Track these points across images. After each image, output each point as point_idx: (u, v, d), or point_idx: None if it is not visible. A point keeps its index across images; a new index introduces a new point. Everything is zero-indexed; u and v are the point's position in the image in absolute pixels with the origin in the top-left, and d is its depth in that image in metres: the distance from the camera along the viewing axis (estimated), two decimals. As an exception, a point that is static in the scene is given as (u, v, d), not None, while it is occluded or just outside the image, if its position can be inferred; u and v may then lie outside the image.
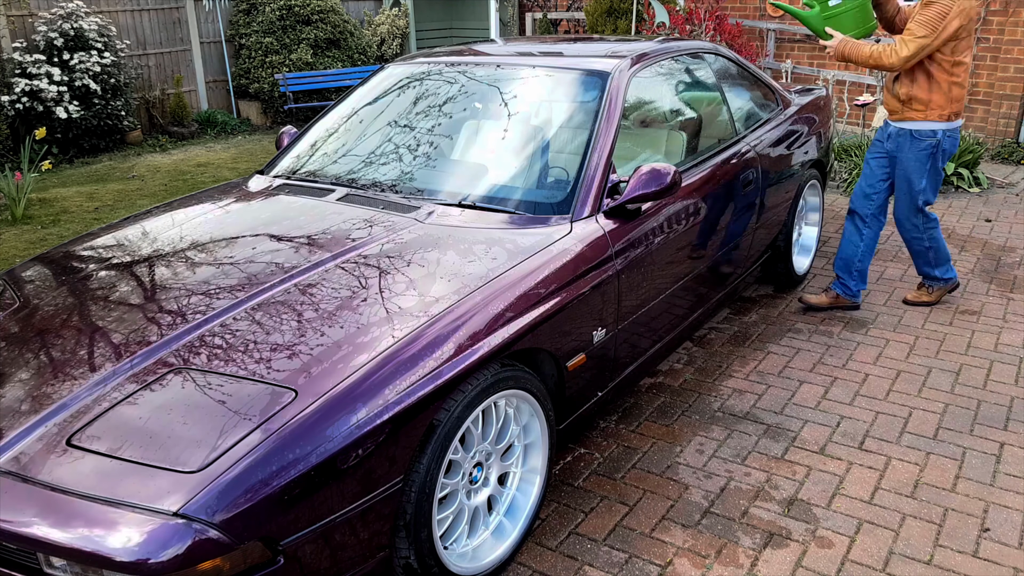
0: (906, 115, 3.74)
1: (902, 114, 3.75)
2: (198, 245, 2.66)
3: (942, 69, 3.61)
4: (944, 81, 3.62)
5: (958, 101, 3.68)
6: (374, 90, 3.52)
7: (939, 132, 3.71)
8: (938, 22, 3.45)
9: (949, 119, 3.70)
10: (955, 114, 3.72)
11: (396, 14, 11.42)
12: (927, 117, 3.69)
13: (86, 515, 1.65)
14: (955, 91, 3.65)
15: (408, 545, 2.03)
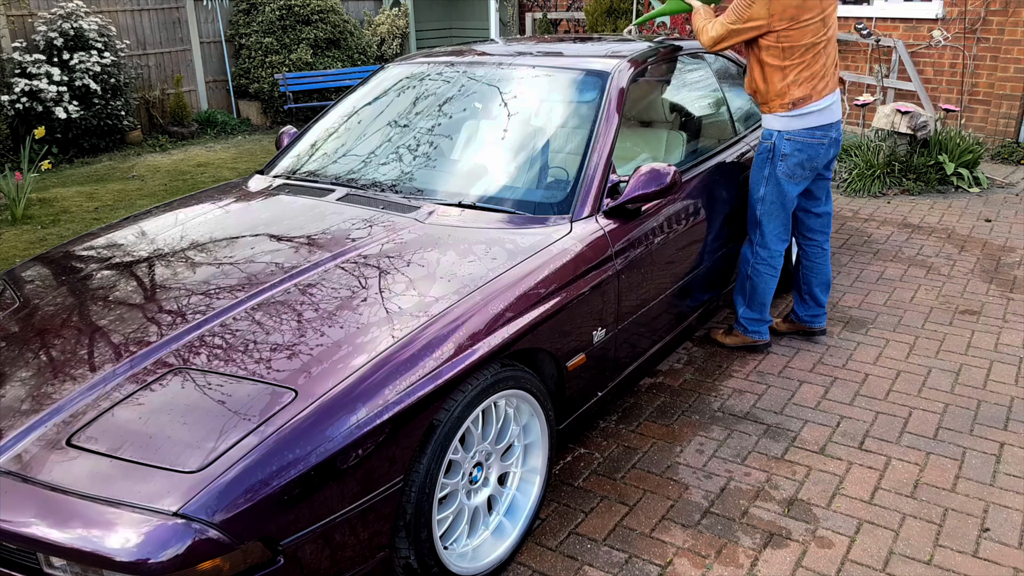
0: (762, 112, 3.38)
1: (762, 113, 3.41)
2: (198, 245, 2.66)
3: (773, 54, 3.19)
4: (778, 67, 3.19)
5: (805, 83, 3.18)
6: (374, 90, 3.52)
7: (775, 134, 3.28)
8: (744, 10, 3.13)
9: (793, 106, 3.20)
10: (801, 100, 3.20)
11: (396, 14, 11.42)
12: (770, 110, 3.29)
13: (86, 515, 1.65)
14: (792, 73, 3.17)
15: (408, 545, 2.03)
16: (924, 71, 8.11)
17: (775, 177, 3.31)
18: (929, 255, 4.93)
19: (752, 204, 3.41)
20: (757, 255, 3.44)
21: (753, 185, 3.38)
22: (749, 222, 3.47)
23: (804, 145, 3.27)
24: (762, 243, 3.42)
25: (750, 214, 3.44)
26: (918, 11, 8.04)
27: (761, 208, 3.36)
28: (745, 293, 3.55)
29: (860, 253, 5.00)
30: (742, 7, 3.13)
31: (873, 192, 6.30)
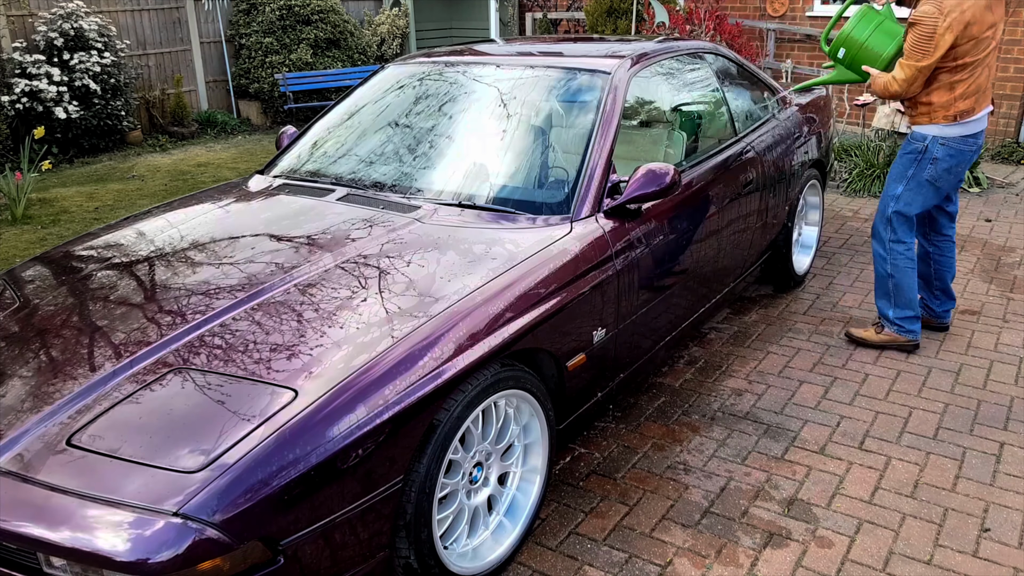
0: (914, 119, 3.47)
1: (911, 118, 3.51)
2: (198, 245, 2.66)
3: (945, 71, 3.29)
4: (946, 83, 3.29)
5: (967, 98, 3.29)
6: (374, 90, 3.52)
7: (928, 137, 3.36)
8: (927, 43, 3.16)
9: (955, 120, 3.32)
10: (962, 113, 3.32)
11: (396, 14, 11.42)
12: (930, 120, 3.37)
13: (86, 515, 1.65)
14: (960, 88, 3.27)
15: (408, 545, 2.03)
16: (924, 71, 8.09)
17: (919, 180, 3.37)
18: (929, 255, 4.93)
19: (886, 200, 3.45)
20: (893, 251, 3.47)
21: (892, 181, 3.42)
22: (880, 218, 3.49)
23: (957, 152, 3.33)
24: (896, 238, 3.46)
25: (882, 211, 3.48)
26: (918, 11, 8.02)
27: (895, 206, 3.41)
28: (889, 293, 3.54)
29: (860, 253, 5.00)
30: (924, 40, 3.16)
31: (873, 192, 6.30)
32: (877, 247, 3.55)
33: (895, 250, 3.47)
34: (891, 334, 3.58)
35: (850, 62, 3.55)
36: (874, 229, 3.57)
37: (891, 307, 3.55)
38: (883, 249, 3.51)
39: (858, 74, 3.58)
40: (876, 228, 3.54)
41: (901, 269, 3.48)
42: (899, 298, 3.51)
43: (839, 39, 3.55)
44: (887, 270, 3.51)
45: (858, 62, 3.54)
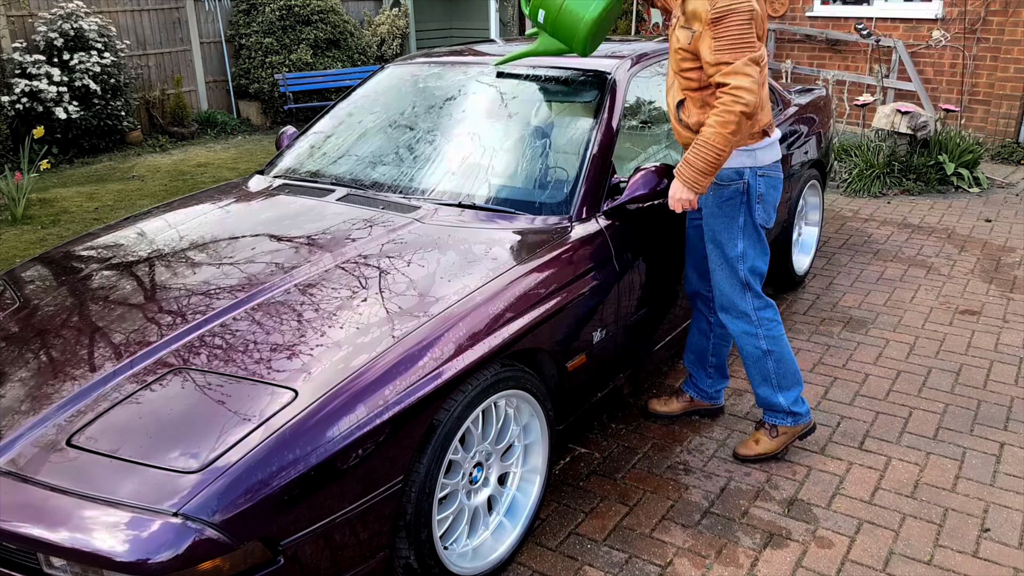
0: None
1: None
2: (198, 245, 2.66)
3: None
4: None
5: (764, 107, 2.61)
6: (374, 90, 3.52)
7: (744, 171, 2.61)
8: (748, 30, 2.40)
9: (764, 135, 2.63)
10: (770, 125, 2.66)
11: (396, 14, 11.42)
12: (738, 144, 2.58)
13: (86, 515, 1.65)
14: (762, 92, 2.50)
15: (408, 545, 2.03)
16: (924, 71, 8.11)
17: (752, 225, 2.66)
18: (929, 255, 4.93)
19: (732, 265, 2.68)
20: (763, 321, 2.73)
21: (726, 243, 2.67)
22: (729, 291, 2.72)
23: (776, 180, 2.70)
24: (761, 304, 2.74)
25: (729, 278, 2.71)
26: (918, 11, 8.04)
27: (745, 266, 2.68)
28: (770, 376, 2.78)
29: (860, 253, 5.00)
30: (745, 27, 2.39)
31: (873, 192, 6.30)
32: (740, 326, 2.74)
33: (764, 318, 2.73)
34: (788, 428, 2.84)
35: (552, 28, 2.87)
36: (727, 306, 2.75)
37: (777, 392, 2.79)
38: (749, 324, 2.73)
39: (564, 42, 2.89)
40: (731, 303, 2.73)
41: (778, 340, 2.75)
42: (784, 377, 2.78)
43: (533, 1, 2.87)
44: (762, 347, 2.74)
45: (560, 27, 2.85)
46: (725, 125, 2.41)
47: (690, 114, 2.64)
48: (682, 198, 2.54)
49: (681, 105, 2.67)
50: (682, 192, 2.53)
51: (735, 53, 2.41)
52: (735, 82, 2.40)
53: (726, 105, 2.41)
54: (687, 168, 2.49)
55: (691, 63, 2.56)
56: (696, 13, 2.47)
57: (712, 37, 2.43)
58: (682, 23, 2.57)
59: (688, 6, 2.51)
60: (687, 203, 2.54)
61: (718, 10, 2.41)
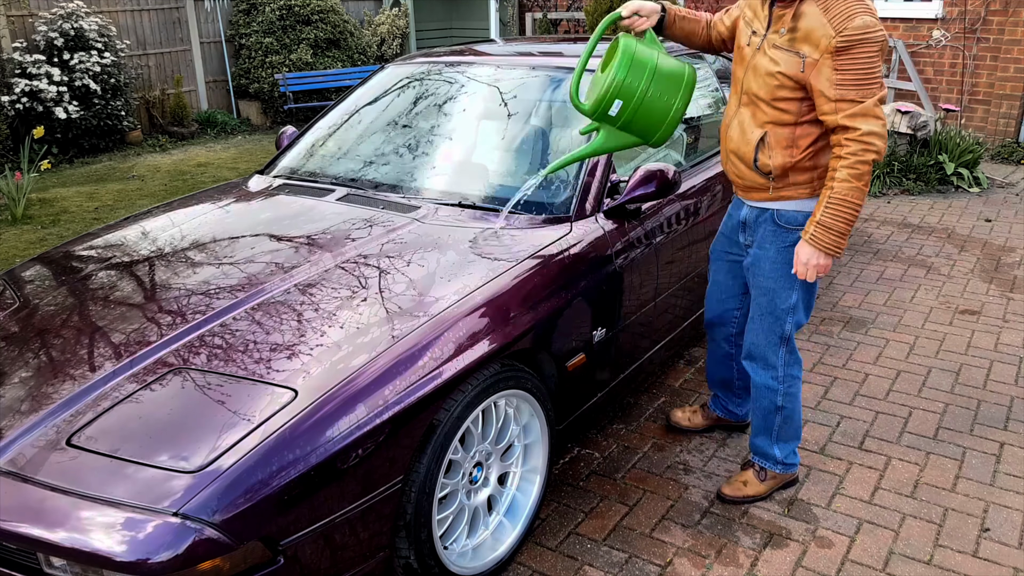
0: (779, 192, 2.37)
1: (769, 191, 2.38)
2: (198, 245, 2.66)
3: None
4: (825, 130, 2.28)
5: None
6: (374, 90, 3.52)
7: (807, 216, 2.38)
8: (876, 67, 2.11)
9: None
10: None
11: (396, 14, 11.42)
12: (811, 192, 2.34)
13: (86, 515, 1.65)
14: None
15: (408, 545, 2.03)
16: (924, 71, 8.11)
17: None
18: (929, 255, 4.93)
19: (779, 317, 2.46)
20: (787, 379, 2.54)
21: (779, 292, 2.43)
22: (765, 343, 2.52)
23: None
24: (792, 359, 2.53)
25: (769, 330, 2.49)
26: (918, 11, 8.04)
27: (793, 319, 2.46)
28: (773, 429, 2.62)
29: (860, 253, 5.00)
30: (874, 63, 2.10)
31: (873, 192, 6.30)
32: (765, 378, 2.56)
33: (790, 375, 2.55)
34: (776, 475, 2.68)
35: (629, 120, 2.39)
36: (757, 356, 2.55)
37: (774, 444, 2.64)
38: (774, 379, 2.54)
39: (639, 134, 2.44)
40: (762, 355, 2.54)
41: (794, 397, 2.58)
42: (786, 432, 2.62)
43: (608, 89, 2.34)
44: (777, 403, 2.57)
45: (641, 119, 2.39)
46: (860, 177, 2.12)
47: (773, 154, 2.29)
48: (819, 264, 2.24)
49: (761, 143, 2.31)
50: (819, 259, 2.24)
51: (863, 90, 2.09)
52: (866, 127, 2.10)
53: (858, 155, 2.11)
54: (824, 233, 2.18)
55: (791, 93, 2.21)
56: (811, 36, 2.12)
57: (834, 68, 2.10)
58: (780, 43, 2.20)
59: (800, 24, 2.15)
60: (824, 269, 2.26)
61: (847, 38, 2.07)
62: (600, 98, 2.37)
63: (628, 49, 2.35)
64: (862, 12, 2.09)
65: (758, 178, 2.37)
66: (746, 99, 2.34)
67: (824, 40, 2.10)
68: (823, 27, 2.10)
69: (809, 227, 2.23)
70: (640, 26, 2.45)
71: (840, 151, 2.15)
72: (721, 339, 2.82)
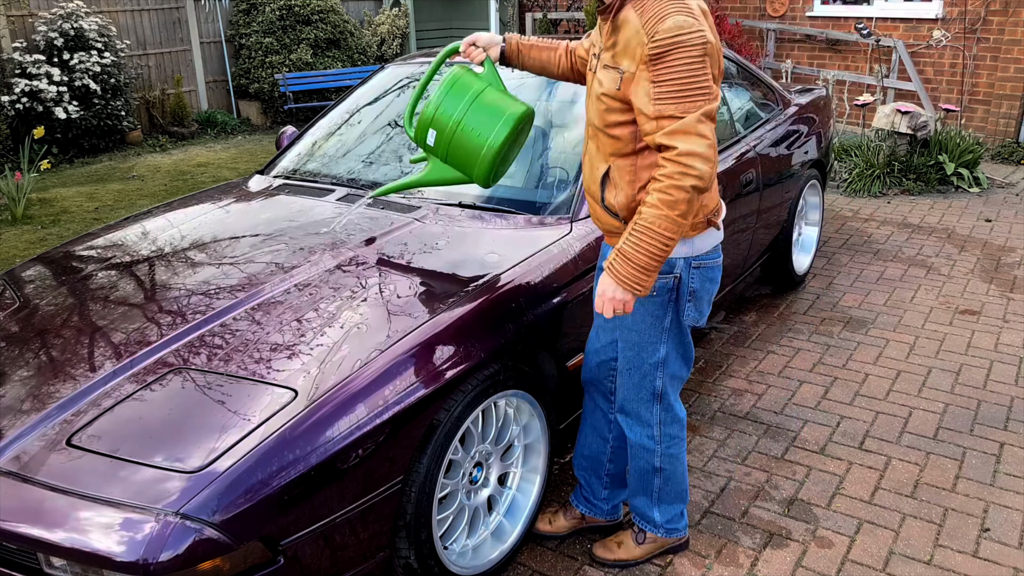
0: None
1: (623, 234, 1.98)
2: (198, 245, 2.66)
3: None
4: None
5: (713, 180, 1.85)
6: (374, 90, 3.52)
7: (677, 263, 2.06)
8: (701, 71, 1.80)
9: (707, 224, 2.06)
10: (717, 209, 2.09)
11: (396, 14, 11.43)
12: None
13: (86, 515, 1.65)
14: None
15: (408, 545, 2.03)
16: (924, 71, 8.11)
17: (678, 326, 2.14)
18: (929, 255, 4.94)
19: (647, 372, 2.17)
20: (665, 438, 2.25)
21: (644, 346, 2.14)
22: (635, 399, 2.22)
23: (715, 271, 2.13)
24: (669, 417, 2.23)
25: (639, 385, 2.20)
26: (918, 11, 8.05)
27: (664, 374, 2.17)
28: (653, 491, 2.33)
29: (860, 253, 5.00)
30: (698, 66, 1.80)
31: (873, 192, 6.30)
32: (640, 436, 2.26)
33: (668, 435, 2.25)
34: (657, 539, 2.40)
35: (446, 152, 2.28)
36: (630, 412, 2.26)
37: (654, 507, 2.35)
38: (650, 439, 2.25)
39: (461, 170, 2.32)
40: (635, 411, 2.24)
41: (674, 458, 2.29)
42: (667, 493, 2.34)
43: (424, 117, 2.27)
44: (654, 464, 2.28)
45: (457, 153, 2.28)
46: (673, 205, 1.80)
47: (618, 191, 2.02)
48: (615, 298, 1.92)
49: (606, 179, 2.04)
50: (615, 292, 1.91)
51: (683, 103, 1.79)
52: (684, 145, 1.78)
53: (673, 179, 1.80)
54: (623, 263, 1.87)
55: (620, 116, 1.94)
56: (627, 47, 1.86)
57: (651, 80, 1.81)
58: (607, 60, 1.94)
59: (620, 36, 1.88)
60: (621, 305, 1.93)
61: (659, 43, 1.78)
62: (418, 125, 2.31)
63: (450, 76, 2.24)
64: (675, 12, 1.79)
65: (610, 220, 2.07)
66: (591, 131, 2.07)
67: (639, 49, 1.82)
68: (638, 34, 1.83)
69: (612, 255, 1.92)
70: (477, 57, 2.30)
71: (656, 172, 1.83)
72: (600, 399, 2.40)
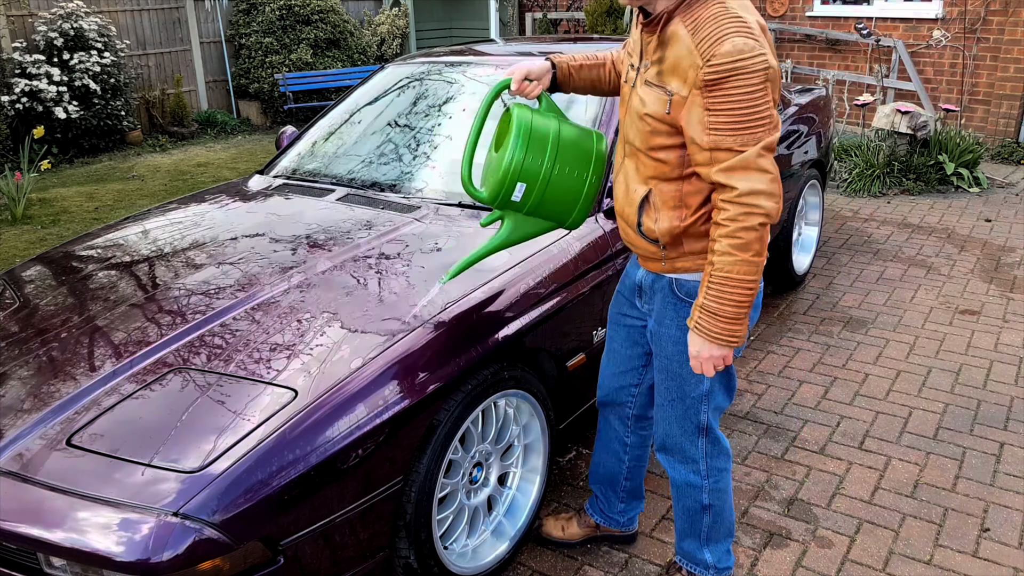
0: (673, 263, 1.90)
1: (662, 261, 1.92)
2: (198, 245, 2.67)
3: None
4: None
5: None
6: (374, 90, 3.52)
7: None
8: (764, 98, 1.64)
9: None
10: None
11: (396, 14, 11.42)
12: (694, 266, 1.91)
13: (86, 515, 1.65)
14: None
15: (408, 545, 2.03)
16: (924, 71, 8.11)
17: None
18: (929, 255, 4.94)
19: (691, 405, 1.99)
20: (712, 472, 2.08)
21: (688, 377, 1.96)
22: (679, 434, 2.04)
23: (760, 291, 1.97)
24: (715, 450, 2.06)
25: (683, 419, 2.02)
26: (918, 11, 8.05)
27: (709, 406, 2.00)
28: (701, 531, 2.16)
29: (860, 253, 5.00)
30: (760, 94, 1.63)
31: (873, 192, 6.30)
32: (685, 474, 2.09)
33: (716, 468, 2.08)
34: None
35: (538, 203, 2.03)
36: (673, 449, 2.08)
37: (704, 548, 2.18)
38: (696, 475, 2.08)
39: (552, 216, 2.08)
40: (679, 447, 2.06)
41: (723, 492, 2.11)
42: (717, 531, 2.15)
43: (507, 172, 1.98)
44: (703, 501, 2.10)
45: (551, 200, 2.03)
46: (745, 247, 1.66)
47: (660, 216, 1.84)
48: (713, 356, 1.78)
49: (645, 203, 1.86)
50: (711, 350, 1.77)
51: (741, 134, 1.63)
52: (746, 185, 1.64)
53: (738, 221, 1.65)
54: (712, 321, 1.73)
55: (667, 139, 1.77)
56: (679, 66, 1.69)
57: (705, 108, 1.65)
58: (650, 77, 1.77)
59: (668, 52, 1.72)
60: (721, 362, 1.79)
61: (716, 69, 1.62)
62: (499, 183, 1.99)
63: (523, 122, 1.97)
64: (735, 33, 1.62)
65: (647, 245, 1.91)
66: (629, 149, 1.89)
67: (692, 71, 1.65)
68: (690, 55, 1.66)
69: (694, 313, 1.78)
70: (532, 92, 2.05)
71: (718, 215, 1.69)
72: (616, 422, 2.29)
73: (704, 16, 1.67)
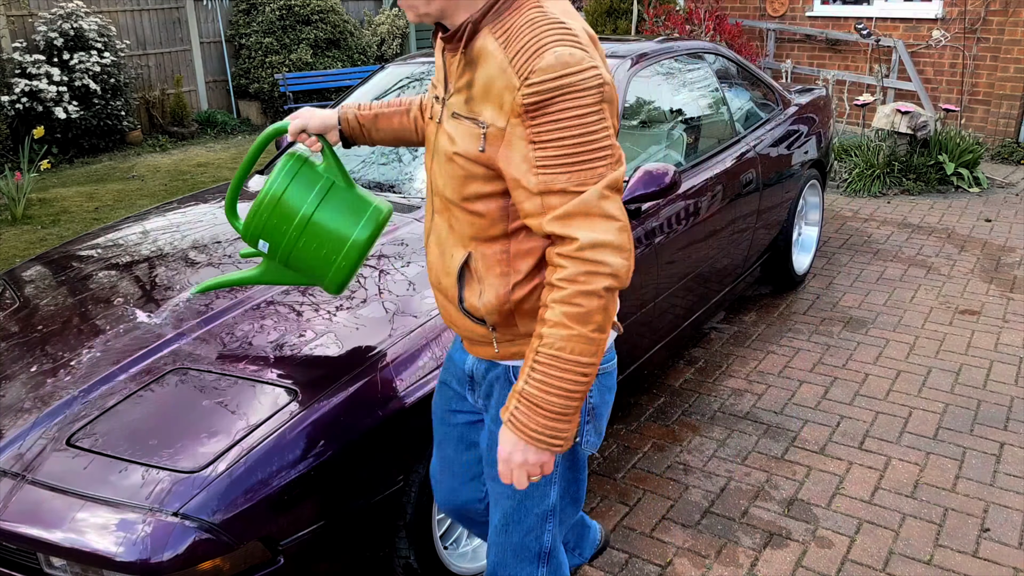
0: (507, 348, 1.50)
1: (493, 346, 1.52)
2: (198, 245, 2.67)
3: None
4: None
5: None
6: (374, 90, 3.52)
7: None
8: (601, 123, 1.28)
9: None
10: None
11: (396, 14, 11.42)
12: None
13: (86, 515, 1.65)
14: None
15: (408, 545, 2.03)
16: (924, 71, 8.11)
17: (573, 461, 1.64)
18: (929, 255, 4.93)
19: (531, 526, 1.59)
20: None
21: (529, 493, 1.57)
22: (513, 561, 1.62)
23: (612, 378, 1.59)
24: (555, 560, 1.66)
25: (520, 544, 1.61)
26: (918, 11, 8.04)
27: (552, 525, 1.62)
28: None
29: (860, 253, 5.00)
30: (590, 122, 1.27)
31: (873, 192, 6.30)
32: None
33: None
34: None
35: (286, 260, 1.92)
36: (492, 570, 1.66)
37: None
38: None
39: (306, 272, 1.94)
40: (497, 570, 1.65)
41: None
42: None
43: (246, 228, 1.90)
44: None
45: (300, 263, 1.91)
46: (585, 319, 1.27)
47: (484, 288, 1.44)
48: (527, 462, 1.36)
49: (465, 271, 1.46)
50: (527, 454, 1.35)
51: (577, 171, 1.27)
52: (587, 235, 1.27)
53: (578, 283, 1.27)
54: (529, 412, 1.31)
55: (484, 185, 1.38)
56: (489, 90, 1.32)
57: (529, 140, 1.28)
58: (457, 107, 1.39)
59: (477, 74, 1.34)
60: (537, 470, 1.37)
61: (537, 88, 1.25)
62: (242, 232, 1.90)
63: (271, 191, 1.83)
64: (557, 42, 1.26)
65: (473, 327, 1.50)
66: (439, 202, 1.48)
67: (508, 95, 1.29)
68: (504, 74, 1.29)
69: (510, 400, 1.35)
70: (313, 147, 1.79)
71: (553, 275, 1.30)
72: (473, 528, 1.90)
73: (518, 24, 1.30)
